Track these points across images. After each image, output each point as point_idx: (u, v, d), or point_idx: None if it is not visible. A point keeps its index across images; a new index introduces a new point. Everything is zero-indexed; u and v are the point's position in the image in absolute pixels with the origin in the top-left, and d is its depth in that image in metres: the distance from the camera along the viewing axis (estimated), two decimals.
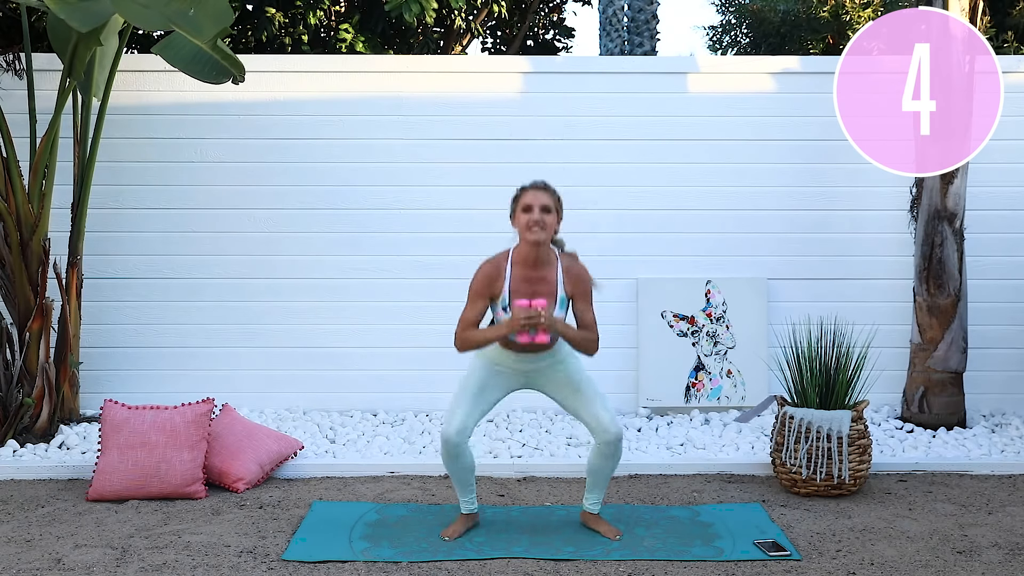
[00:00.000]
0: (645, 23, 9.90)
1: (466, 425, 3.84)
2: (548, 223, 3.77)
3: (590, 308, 3.88)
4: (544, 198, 3.79)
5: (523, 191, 3.84)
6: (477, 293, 3.84)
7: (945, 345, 5.57)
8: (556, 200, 3.84)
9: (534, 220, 3.74)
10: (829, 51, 10.83)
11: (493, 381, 3.93)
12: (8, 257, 5.27)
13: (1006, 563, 3.72)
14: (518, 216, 3.81)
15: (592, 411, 3.89)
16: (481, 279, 3.84)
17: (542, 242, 3.77)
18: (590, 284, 3.89)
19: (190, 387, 5.85)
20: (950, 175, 5.55)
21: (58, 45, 5.33)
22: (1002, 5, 10.05)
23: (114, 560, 3.72)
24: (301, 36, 9.25)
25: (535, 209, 3.76)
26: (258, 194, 5.99)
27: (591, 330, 3.86)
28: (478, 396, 3.90)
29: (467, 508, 4.03)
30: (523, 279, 3.81)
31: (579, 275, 3.87)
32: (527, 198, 3.79)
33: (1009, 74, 5.95)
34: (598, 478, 4.01)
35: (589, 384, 3.94)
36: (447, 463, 3.91)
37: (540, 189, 3.81)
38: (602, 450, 3.92)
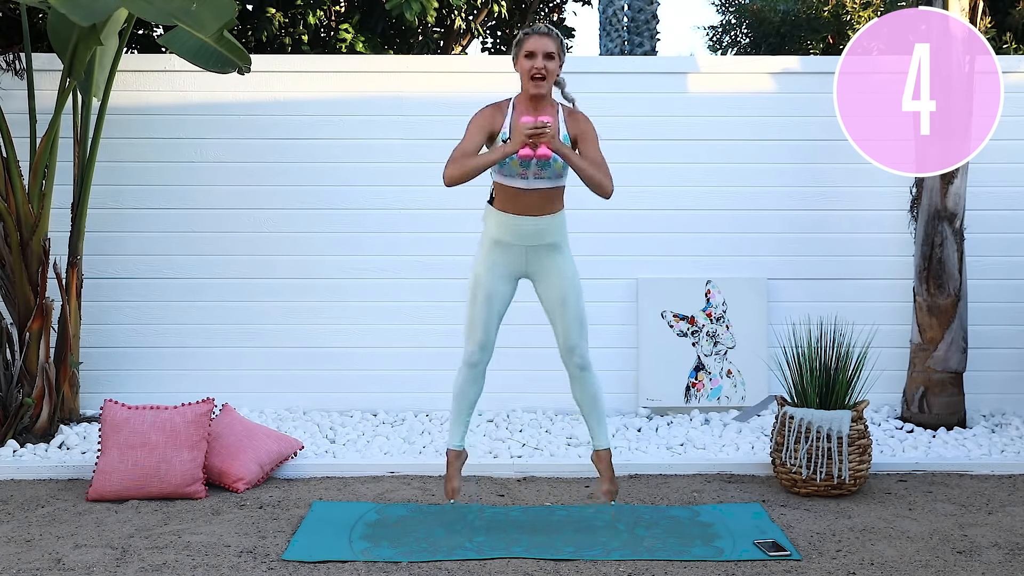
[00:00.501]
0: (645, 23, 9.90)
1: (488, 339, 3.87)
2: (551, 70, 3.77)
3: (598, 148, 3.84)
4: (548, 44, 3.77)
5: (526, 36, 3.81)
6: (476, 126, 3.82)
7: (945, 345, 5.57)
8: (559, 45, 3.82)
9: (537, 67, 3.74)
10: (829, 51, 10.84)
11: (496, 278, 3.90)
12: (8, 257, 5.27)
13: (1006, 563, 3.72)
14: (520, 61, 3.81)
15: (566, 328, 3.91)
16: (482, 115, 3.84)
17: (545, 92, 3.78)
18: (593, 127, 3.87)
19: (190, 387, 5.85)
20: (950, 175, 5.55)
21: (58, 45, 5.33)
22: (1002, 5, 10.06)
23: (114, 560, 3.72)
24: (301, 36, 9.25)
25: (539, 56, 3.75)
26: (258, 194, 5.99)
27: (601, 167, 3.80)
28: (488, 305, 3.89)
29: (457, 443, 4.04)
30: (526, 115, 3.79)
31: (581, 118, 3.87)
32: (530, 44, 3.78)
33: (1009, 74, 5.94)
34: (587, 409, 4.04)
35: (576, 301, 3.92)
36: (463, 387, 3.93)
37: (544, 35, 3.79)
38: (573, 379, 3.96)
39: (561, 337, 3.94)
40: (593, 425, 4.06)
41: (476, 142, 3.79)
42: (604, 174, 3.80)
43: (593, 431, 4.07)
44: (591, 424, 4.07)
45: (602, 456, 4.08)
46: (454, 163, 3.73)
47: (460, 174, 3.72)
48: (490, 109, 3.88)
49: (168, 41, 5.26)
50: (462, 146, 3.78)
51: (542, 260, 3.91)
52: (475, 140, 3.79)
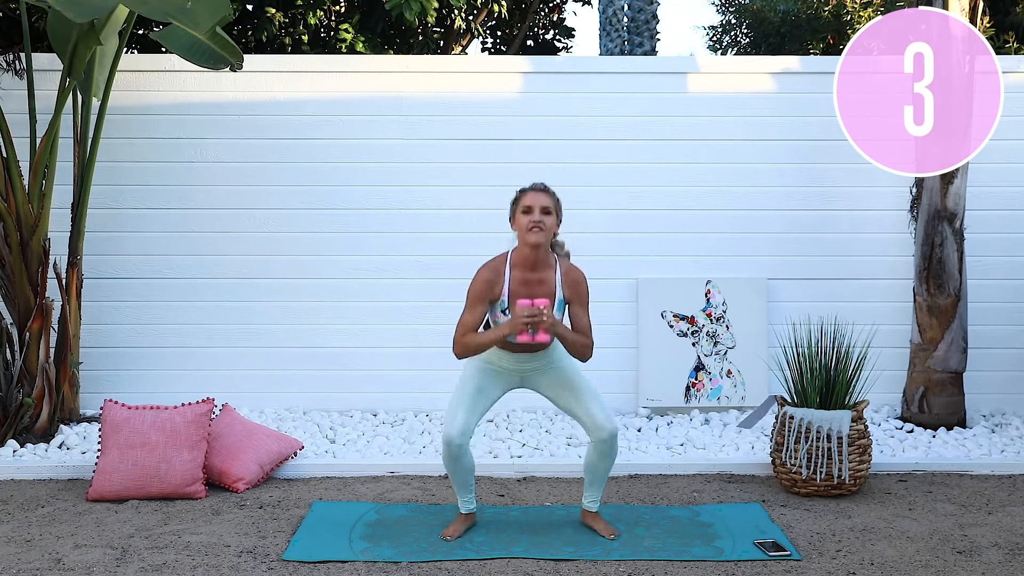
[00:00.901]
0: (645, 23, 9.90)
1: (468, 426, 3.85)
2: (548, 225, 3.78)
3: (586, 313, 3.89)
4: (544, 200, 3.79)
5: (523, 193, 3.85)
6: (476, 297, 3.83)
7: (945, 345, 5.57)
8: (556, 202, 3.84)
9: (534, 222, 3.75)
10: (829, 51, 10.84)
11: (489, 381, 3.94)
12: (8, 257, 5.27)
13: (1006, 563, 3.72)
14: (518, 218, 3.82)
15: (587, 409, 3.90)
16: (480, 283, 3.83)
17: (542, 244, 3.78)
18: (586, 289, 3.90)
19: (190, 387, 5.85)
20: (950, 175, 5.55)
21: (58, 45, 5.33)
22: (1002, 5, 10.06)
23: (114, 560, 3.72)
24: (301, 36, 9.25)
25: (535, 211, 3.77)
26: (258, 194, 5.99)
27: (586, 335, 3.86)
28: (476, 397, 3.90)
29: (466, 508, 4.04)
30: (522, 281, 3.82)
31: (577, 279, 3.88)
32: (527, 200, 3.80)
33: (1009, 74, 5.95)
34: (595, 476, 4.02)
35: (584, 383, 3.94)
36: (448, 464, 3.91)
37: (540, 191, 3.82)
38: (598, 448, 3.93)
39: (588, 422, 3.91)
40: (593, 489, 4.05)
41: (478, 314, 3.84)
42: (587, 345, 3.86)
43: (589, 494, 4.06)
44: (591, 488, 4.05)
45: (590, 516, 4.08)
46: (459, 343, 3.82)
47: (467, 354, 3.85)
48: (487, 273, 3.85)
49: (162, 37, 5.28)
50: (464, 320, 3.83)
51: (542, 374, 3.96)
52: (477, 313, 3.84)
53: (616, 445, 3.94)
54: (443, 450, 3.88)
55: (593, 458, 3.97)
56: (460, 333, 3.82)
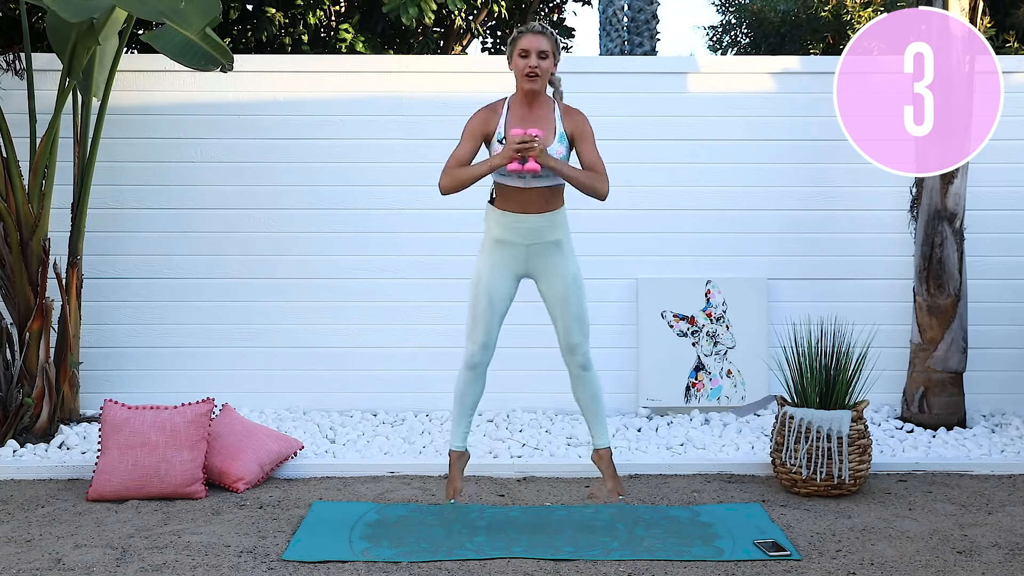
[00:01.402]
0: (645, 23, 9.90)
1: (489, 339, 3.88)
2: (545, 68, 3.80)
3: (594, 148, 3.88)
4: (542, 43, 3.80)
5: (520, 35, 3.84)
6: (471, 131, 3.86)
7: (945, 345, 5.57)
8: (554, 44, 3.84)
9: (531, 66, 3.77)
10: (829, 51, 10.83)
11: (498, 277, 3.91)
12: (8, 257, 5.27)
13: (1006, 563, 3.72)
14: (515, 60, 3.83)
15: (566, 326, 3.92)
16: (476, 118, 3.87)
17: (539, 89, 3.80)
18: (589, 125, 3.89)
19: (190, 387, 5.84)
20: (950, 175, 5.55)
21: (57, 45, 5.34)
22: (1002, 5, 10.05)
23: (114, 560, 3.72)
24: (301, 36, 9.25)
25: (532, 55, 3.78)
26: (258, 194, 5.99)
27: (597, 170, 3.85)
28: (490, 305, 3.89)
29: (459, 444, 4.04)
30: (520, 117, 3.84)
31: (577, 116, 3.89)
32: (524, 42, 3.80)
33: (1009, 74, 5.94)
34: (587, 412, 4.05)
35: (578, 299, 3.93)
36: (464, 387, 3.93)
37: (538, 34, 3.82)
38: (574, 377, 3.97)
39: (562, 336, 3.95)
40: (593, 424, 4.07)
41: (470, 148, 3.84)
42: (599, 179, 3.85)
43: (593, 430, 4.08)
44: (591, 423, 4.08)
45: (603, 455, 4.08)
46: (447, 173, 3.82)
47: (454, 185, 3.82)
48: (484, 111, 3.90)
49: (153, 39, 5.28)
50: (456, 153, 3.83)
51: (544, 259, 3.92)
52: (468, 146, 3.84)
53: (592, 375, 3.96)
54: (464, 372, 3.90)
55: (575, 390, 4.02)
56: (449, 164, 3.81)
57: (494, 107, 3.91)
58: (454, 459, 4.06)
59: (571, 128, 3.86)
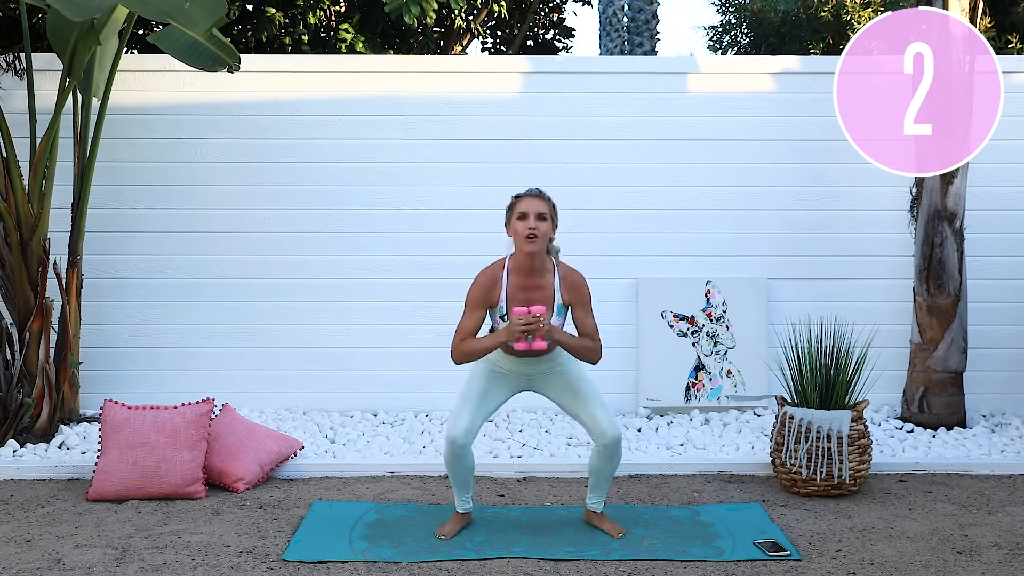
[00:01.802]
0: (645, 23, 9.90)
1: (472, 427, 3.85)
2: (543, 231, 3.77)
3: (590, 315, 3.88)
4: (539, 206, 3.78)
5: (518, 199, 3.84)
6: (474, 304, 3.85)
7: (945, 345, 5.57)
8: (551, 207, 3.83)
9: (530, 228, 3.74)
10: (829, 51, 10.83)
11: (495, 384, 3.95)
12: (8, 257, 5.27)
13: (1006, 563, 3.72)
14: (513, 224, 3.80)
15: (590, 413, 3.90)
16: (478, 289, 3.84)
17: (538, 251, 3.77)
18: (587, 291, 3.89)
19: (190, 387, 5.85)
20: (950, 175, 5.55)
21: (58, 45, 5.34)
22: (1002, 5, 10.05)
23: (114, 560, 3.72)
24: (301, 36, 9.25)
25: (531, 217, 3.76)
26: (258, 194, 5.99)
27: (592, 337, 3.86)
28: (482, 399, 3.91)
29: (463, 507, 4.04)
30: (520, 287, 3.82)
31: (576, 283, 3.87)
32: (522, 206, 3.79)
33: (1009, 74, 5.94)
34: (599, 479, 4.02)
35: (589, 387, 3.94)
36: (450, 464, 3.91)
37: (535, 197, 3.81)
38: (600, 452, 3.93)
39: (592, 427, 3.91)
40: (599, 490, 4.06)
41: (476, 320, 3.86)
42: (592, 348, 3.86)
43: (594, 495, 4.07)
44: (596, 489, 4.05)
45: (595, 516, 4.08)
46: (458, 349, 3.83)
47: (465, 360, 3.85)
48: (485, 280, 3.86)
49: (159, 39, 5.28)
50: (463, 327, 3.84)
51: (547, 379, 3.96)
52: (475, 318, 3.86)
53: (619, 449, 3.93)
54: (446, 449, 3.88)
55: (597, 462, 3.97)
56: (458, 339, 3.83)
57: (494, 274, 3.86)
58: (458, 519, 4.06)
59: (569, 297, 3.87)
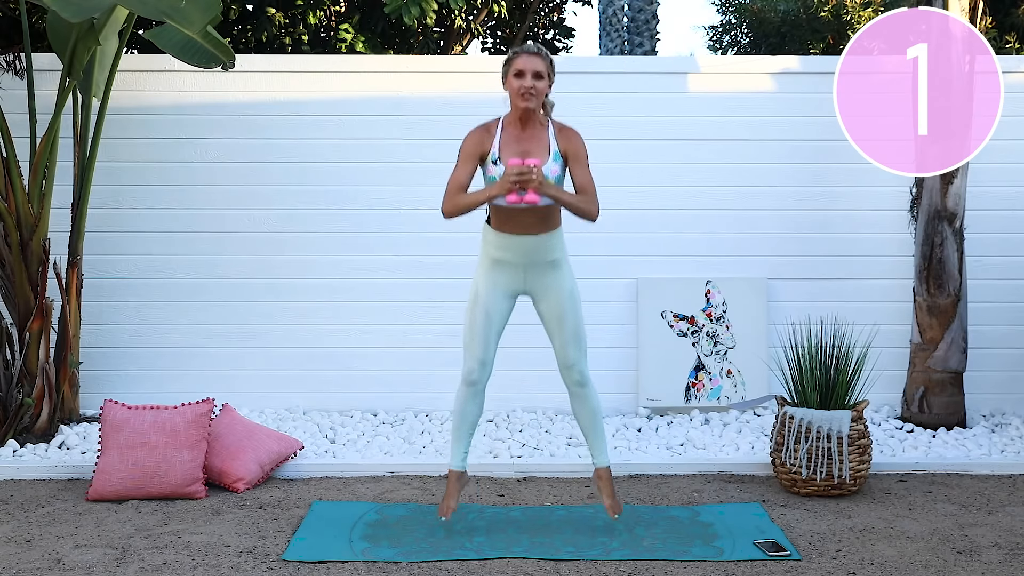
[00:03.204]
0: (645, 23, 9.90)
1: (487, 356, 3.88)
2: (540, 89, 3.78)
3: (587, 169, 3.87)
4: (537, 63, 3.79)
5: (515, 55, 3.83)
6: (467, 153, 3.85)
7: (945, 345, 5.57)
8: (548, 64, 3.84)
9: (526, 87, 3.75)
10: (829, 51, 10.83)
11: (495, 295, 3.91)
12: (8, 257, 5.27)
13: (1006, 563, 3.72)
14: (509, 80, 3.81)
15: (563, 344, 3.91)
16: (471, 138, 3.86)
17: (533, 109, 3.79)
18: (583, 145, 3.88)
19: (190, 387, 5.85)
20: (950, 175, 5.55)
21: (58, 45, 5.34)
22: (1002, 5, 10.05)
23: (114, 560, 3.72)
24: (301, 36, 9.25)
25: (527, 75, 3.76)
26: (258, 194, 5.99)
27: (589, 192, 3.84)
28: (488, 322, 3.89)
29: (459, 463, 4.03)
30: (514, 138, 3.84)
31: (572, 134, 3.88)
32: (519, 63, 3.79)
33: (1009, 74, 5.94)
34: (584, 426, 4.03)
35: (574, 316, 3.92)
36: (463, 406, 3.92)
37: (533, 54, 3.81)
38: (572, 393, 3.97)
39: (559, 354, 3.95)
40: (592, 441, 4.05)
41: (467, 170, 3.84)
42: (591, 201, 3.84)
43: (592, 448, 4.06)
44: (590, 441, 4.06)
45: (602, 474, 4.07)
46: (449, 199, 3.82)
47: (456, 211, 3.82)
48: (478, 131, 3.88)
49: (155, 36, 5.29)
50: (454, 177, 3.83)
51: (541, 277, 3.92)
52: (466, 169, 3.84)
53: (590, 391, 3.94)
54: (462, 389, 3.89)
55: (574, 407, 4.00)
56: (449, 191, 3.82)
57: (488, 127, 3.89)
58: (453, 479, 4.04)
59: (565, 147, 3.86)
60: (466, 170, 3.83)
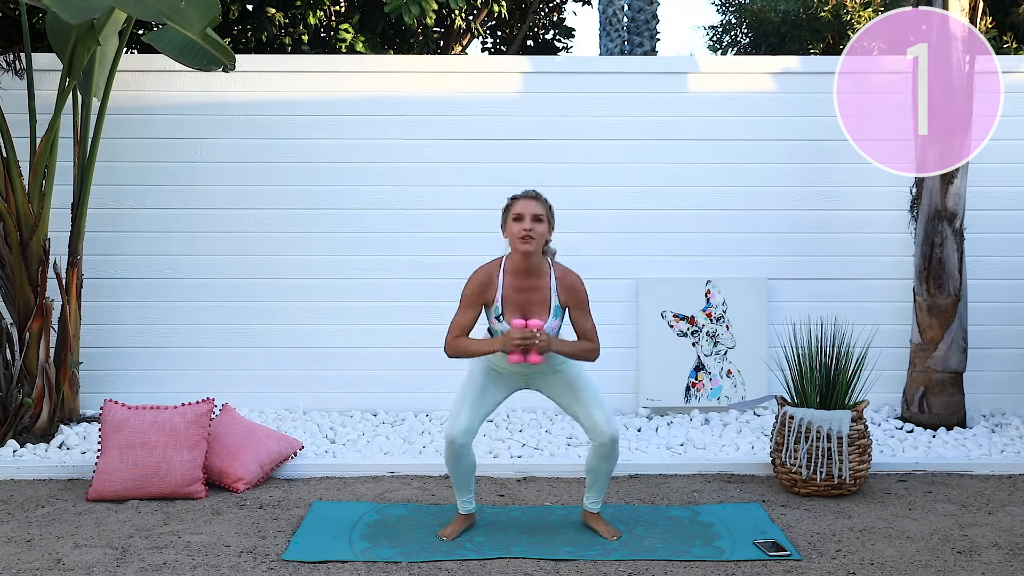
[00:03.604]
0: (645, 23, 9.90)
1: (471, 425, 3.85)
2: (539, 232, 3.76)
3: (588, 316, 3.88)
4: (535, 207, 3.78)
5: (514, 200, 3.83)
6: (469, 301, 3.84)
7: (945, 345, 5.57)
8: (547, 209, 3.83)
9: (525, 230, 3.73)
10: (829, 51, 10.83)
11: (494, 383, 3.95)
12: (8, 257, 5.27)
13: (1006, 563, 3.72)
14: (509, 226, 3.80)
15: (588, 413, 3.90)
16: (473, 287, 3.84)
17: (533, 252, 3.77)
18: (584, 293, 3.88)
19: (190, 387, 5.85)
20: (950, 175, 5.55)
21: (57, 45, 5.34)
22: (1002, 5, 10.05)
23: (114, 560, 3.72)
24: (301, 36, 9.25)
25: (526, 219, 3.75)
26: (258, 194, 5.99)
27: (590, 338, 3.86)
28: (481, 397, 3.91)
29: (465, 508, 4.04)
30: (516, 288, 3.82)
31: (573, 284, 3.86)
32: (518, 207, 3.79)
33: (1009, 74, 5.94)
34: (596, 478, 4.02)
35: (587, 386, 3.94)
36: (450, 463, 3.91)
37: (531, 199, 3.81)
38: (598, 451, 3.93)
39: (586, 422, 3.92)
40: (595, 490, 4.05)
41: (471, 317, 3.86)
42: (591, 349, 3.86)
43: (592, 494, 4.06)
44: (593, 490, 4.05)
45: (591, 517, 4.08)
46: (452, 344, 3.84)
47: (458, 356, 3.85)
48: (481, 278, 3.85)
49: (154, 39, 5.29)
50: (457, 322, 3.85)
51: (545, 378, 3.95)
52: (469, 315, 3.86)
53: (616, 449, 3.93)
54: (446, 449, 3.88)
55: (594, 461, 3.97)
56: (452, 335, 3.83)
57: (490, 273, 3.86)
58: (461, 520, 4.05)
59: (566, 299, 3.86)
60: (468, 316, 3.85)
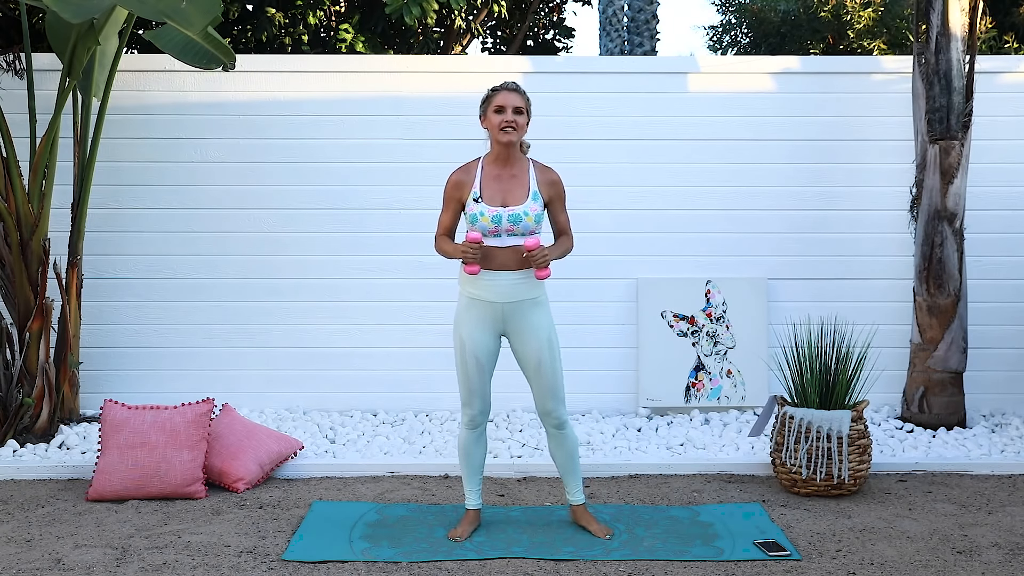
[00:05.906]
0: (645, 23, 9.90)
1: (485, 403, 3.93)
2: (520, 124, 3.82)
3: (565, 209, 3.98)
4: (516, 100, 3.83)
5: (495, 92, 3.87)
6: (448, 197, 3.93)
7: (945, 345, 5.57)
8: (527, 101, 3.88)
9: (507, 121, 3.79)
10: (829, 51, 10.83)
11: (480, 337, 3.89)
12: (8, 257, 5.27)
13: (1006, 563, 3.72)
14: (489, 117, 3.85)
15: (540, 391, 3.92)
16: (451, 183, 3.91)
17: (514, 143, 3.83)
18: (563, 187, 3.96)
19: (190, 387, 5.85)
20: (950, 175, 5.55)
21: (57, 45, 5.34)
22: (1002, 5, 10.05)
23: (114, 560, 3.72)
24: (301, 36, 9.25)
25: (508, 110, 3.81)
26: (258, 194, 5.99)
27: (566, 231, 3.98)
28: (480, 372, 3.91)
29: (474, 503, 4.04)
30: (494, 176, 3.86)
31: (553, 180, 3.94)
32: (499, 99, 3.83)
33: (1009, 74, 5.94)
34: (561, 466, 4.03)
35: (552, 363, 3.90)
36: (469, 449, 3.95)
37: (512, 91, 3.86)
38: (550, 435, 3.98)
39: (537, 401, 3.96)
40: (568, 480, 4.05)
41: (452, 213, 3.95)
42: (571, 243, 3.99)
43: (569, 486, 4.06)
44: (566, 480, 4.06)
45: (578, 511, 4.08)
46: (438, 241, 3.98)
47: (443, 255, 3.95)
48: (459, 174, 3.91)
49: (155, 37, 5.29)
50: (441, 221, 3.97)
51: (521, 317, 3.89)
52: (451, 212, 3.95)
53: (568, 433, 3.96)
54: (465, 435, 3.92)
55: (552, 447, 4.02)
56: (437, 232, 3.96)
57: (468, 168, 3.92)
58: (470, 516, 4.05)
59: (548, 193, 3.90)
60: (449, 213, 3.94)
